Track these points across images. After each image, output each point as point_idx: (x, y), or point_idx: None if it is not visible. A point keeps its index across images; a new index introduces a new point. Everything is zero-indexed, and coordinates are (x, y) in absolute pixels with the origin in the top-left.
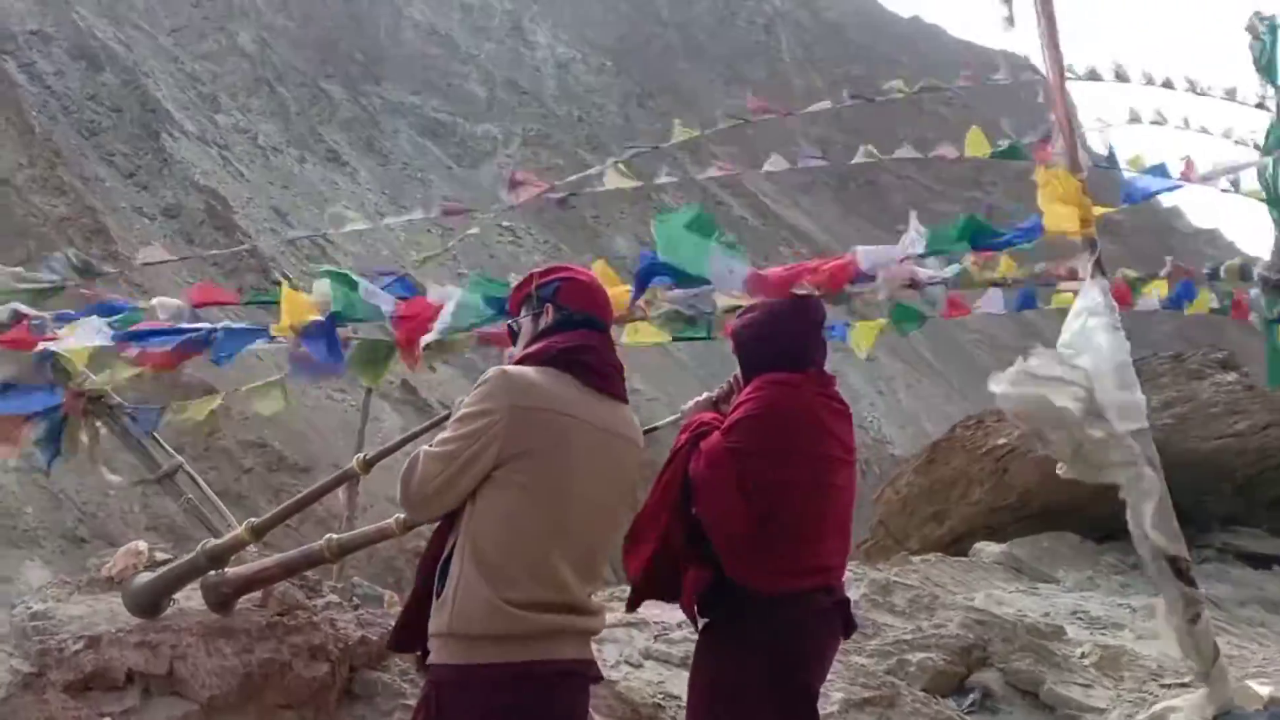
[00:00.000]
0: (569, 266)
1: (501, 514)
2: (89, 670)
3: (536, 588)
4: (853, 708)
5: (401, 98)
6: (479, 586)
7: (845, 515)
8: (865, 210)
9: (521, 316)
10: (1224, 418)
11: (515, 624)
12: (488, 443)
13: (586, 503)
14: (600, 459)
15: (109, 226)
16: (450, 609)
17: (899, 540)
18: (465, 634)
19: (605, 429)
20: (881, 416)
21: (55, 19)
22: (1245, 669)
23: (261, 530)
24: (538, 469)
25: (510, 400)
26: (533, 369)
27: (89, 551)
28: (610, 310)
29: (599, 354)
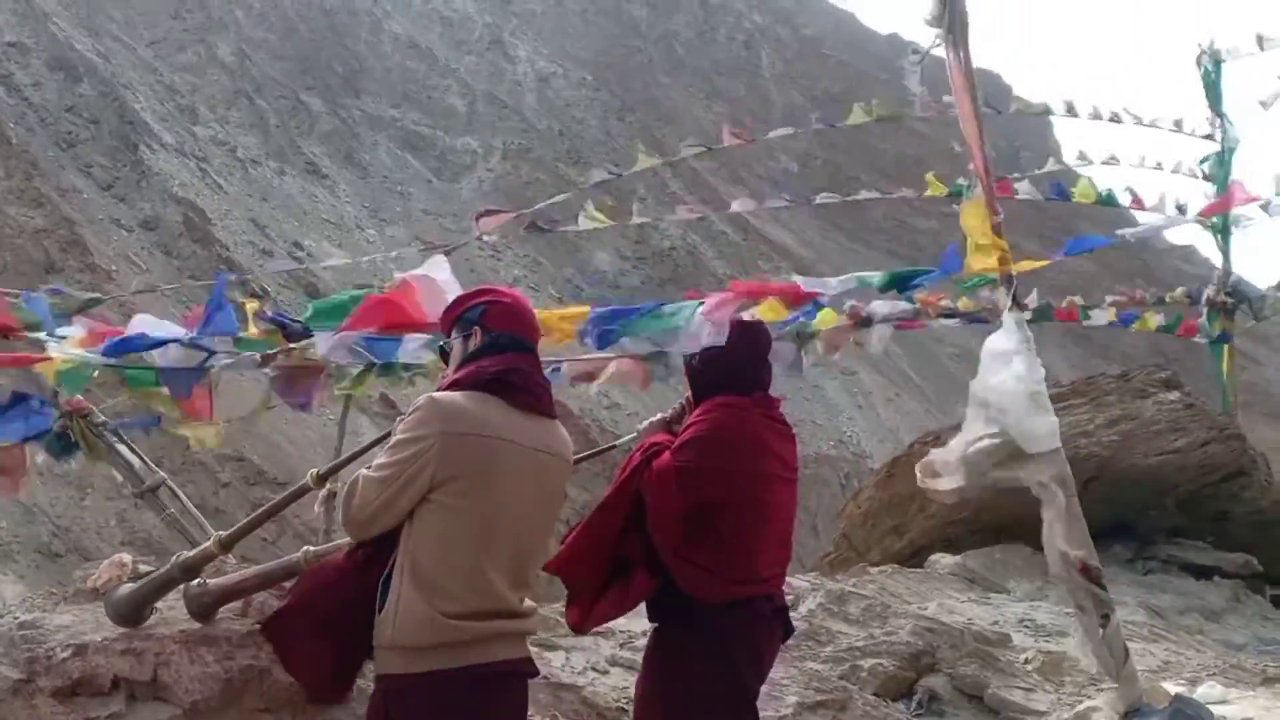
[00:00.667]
0: (494, 288)
1: (436, 533)
2: (76, 677)
3: (471, 599)
4: (806, 710)
5: (381, 111)
6: (417, 602)
7: (786, 529)
8: (845, 225)
9: (452, 338)
10: (1166, 435)
11: (452, 633)
12: (421, 468)
13: (515, 518)
14: (528, 476)
15: (86, 238)
16: (392, 623)
17: (861, 553)
18: (407, 645)
19: (533, 447)
20: (860, 431)
21: (33, 30)
22: (1181, 673)
23: (229, 543)
24: (469, 490)
25: (441, 427)
26: (462, 395)
27: (63, 565)
28: (537, 330)
29: (526, 375)
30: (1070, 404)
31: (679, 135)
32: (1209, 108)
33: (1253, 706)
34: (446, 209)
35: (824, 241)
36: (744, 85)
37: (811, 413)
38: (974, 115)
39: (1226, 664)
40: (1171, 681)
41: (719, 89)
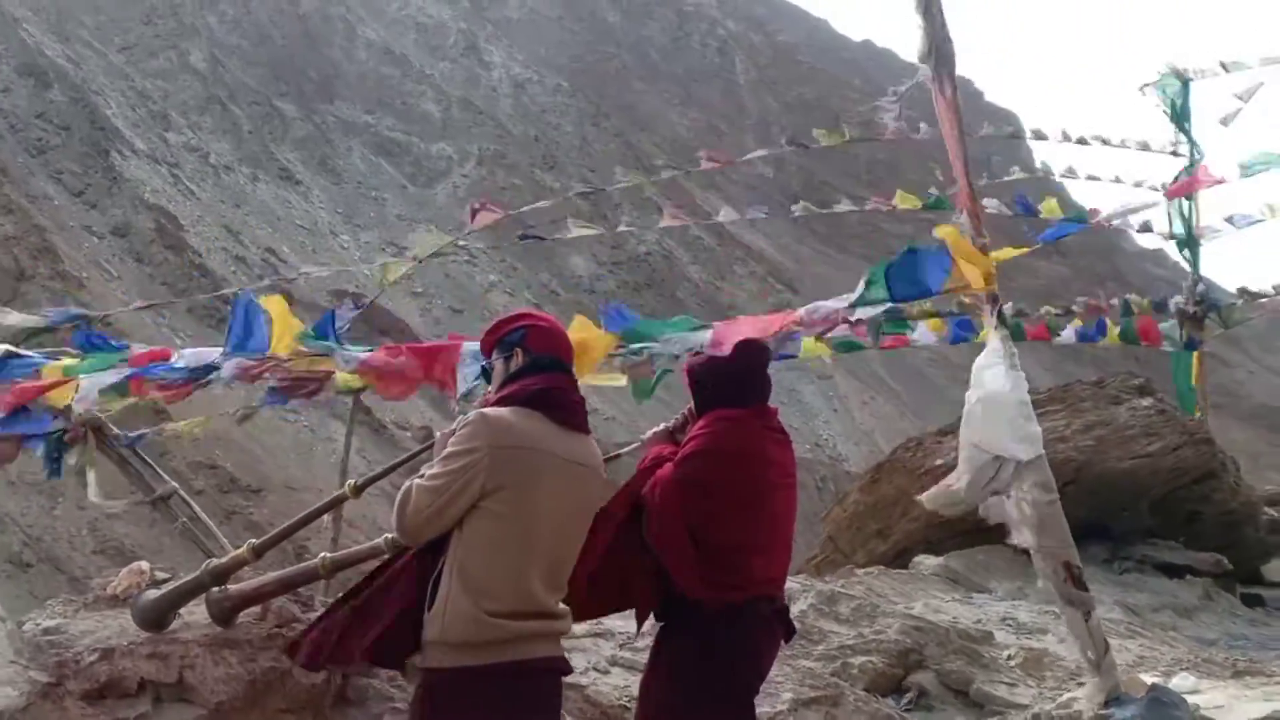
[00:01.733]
0: (532, 313)
1: (484, 539)
2: (104, 680)
3: (513, 600)
4: (801, 706)
5: (355, 116)
6: (464, 602)
7: (786, 533)
8: (820, 230)
9: (494, 359)
10: (1139, 439)
11: (496, 631)
12: (472, 478)
13: (555, 525)
14: (567, 487)
15: (57, 245)
16: (441, 621)
17: (847, 555)
18: (454, 641)
19: (572, 460)
20: (837, 435)
21: (2, 36)
22: (1156, 666)
23: (262, 550)
24: (514, 500)
25: (491, 441)
26: (508, 410)
27: (34, 575)
28: (571, 352)
29: (564, 393)
30: (1048, 410)
31: (654, 141)
32: (1173, 126)
33: (1223, 695)
34: (421, 215)
35: (799, 247)
36: (718, 91)
37: (788, 417)
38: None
39: (1199, 658)
40: (1147, 674)
41: (694, 95)
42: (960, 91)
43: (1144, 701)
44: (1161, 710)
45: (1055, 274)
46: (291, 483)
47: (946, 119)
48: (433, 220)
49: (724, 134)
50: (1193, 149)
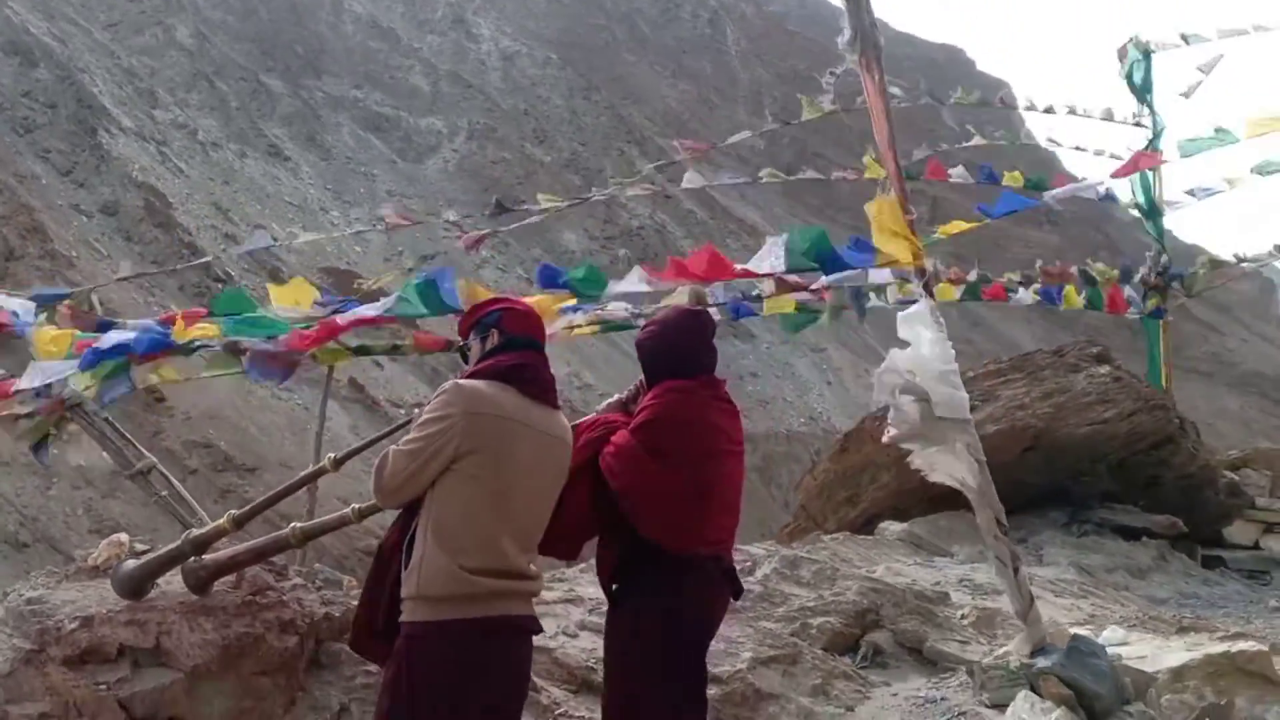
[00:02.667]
0: (508, 298)
1: (457, 499)
2: (84, 646)
3: (486, 558)
4: (760, 664)
5: (343, 91)
6: (439, 556)
7: (734, 497)
8: (811, 202)
9: (471, 339)
10: (1095, 406)
11: (470, 586)
12: (446, 442)
13: (525, 490)
14: (537, 455)
15: (46, 225)
16: (418, 576)
17: (818, 522)
18: (430, 596)
19: (541, 430)
20: (830, 407)
21: None
22: (1105, 624)
23: (242, 521)
24: (486, 463)
25: (464, 407)
26: (482, 382)
27: (30, 555)
28: (544, 334)
29: (536, 370)
30: (1009, 378)
31: (645, 113)
32: (1135, 97)
33: (1148, 647)
34: (412, 190)
35: (791, 218)
36: (709, 62)
37: (782, 390)
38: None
39: (1147, 615)
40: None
41: (684, 66)
42: (951, 60)
43: (1064, 650)
44: (1080, 658)
45: (1047, 242)
46: (287, 460)
47: (874, 103)
48: (423, 196)
49: (715, 105)
50: (1154, 121)
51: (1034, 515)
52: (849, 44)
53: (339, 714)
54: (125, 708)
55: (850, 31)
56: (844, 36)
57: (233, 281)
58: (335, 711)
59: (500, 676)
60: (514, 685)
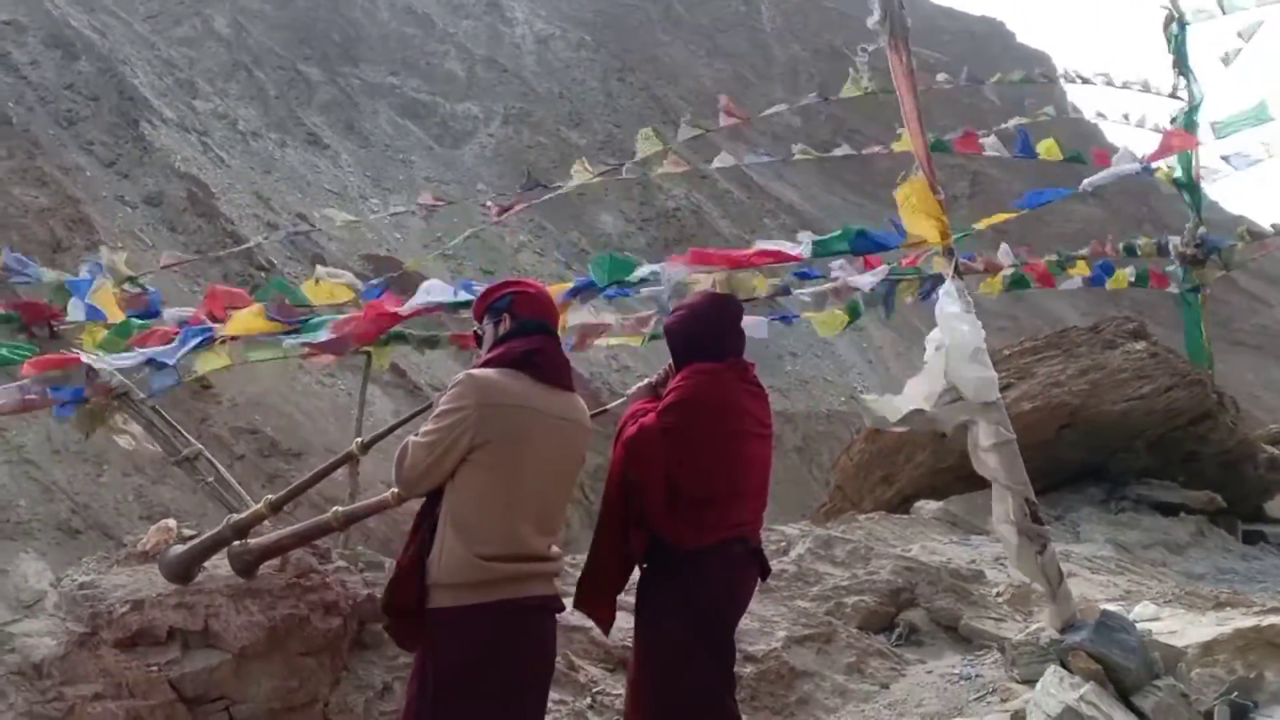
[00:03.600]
0: (519, 280)
1: (474, 489)
2: (135, 629)
3: (503, 544)
4: (794, 643)
5: (380, 78)
6: (457, 546)
7: (761, 479)
8: (849, 179)
9: (484, 324)
10: (1131, 382)
11: (488, 572)
12: (461, 433)
13: (541, 476)
14: (552, 440)
15: (91, 217)
16: (439, 564)
17: (854, 502)
18: (450, 583)
19: (556, 415)
20: (871, 386)
21: (28, 8)
22: (1141, 599)
23: (278, 505)
24: (501, 452)
25: (478, 398)
26: (495, 371)
27: (83, 542)
28: (556, 316)
29: (549, 354)
30: (1044, 356)
31: (680, 93)
32: (1174, 68)
33: (1179, 622)
34: (449, 175)
35: (829, 196)
36: (745, 40)
37: (822, 370)
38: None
39: (1184, 591)
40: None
41: (720, 45)
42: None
43: (1093, 626)
44: (1108, 633)
45: (1091, 216)
46: (332, 446)
47: (902, 83)
48: (460, 181)
49: (751, 84)
50: (1191, 92)
51: (1071, 492)
52: (878, 24)
53: (382, 693)
54: (176, 688)
55: (880, 11)
56: (873, 16)
57: (275, 270)
58: (379, 690)
59: (524, 655)
60: (538, 663)
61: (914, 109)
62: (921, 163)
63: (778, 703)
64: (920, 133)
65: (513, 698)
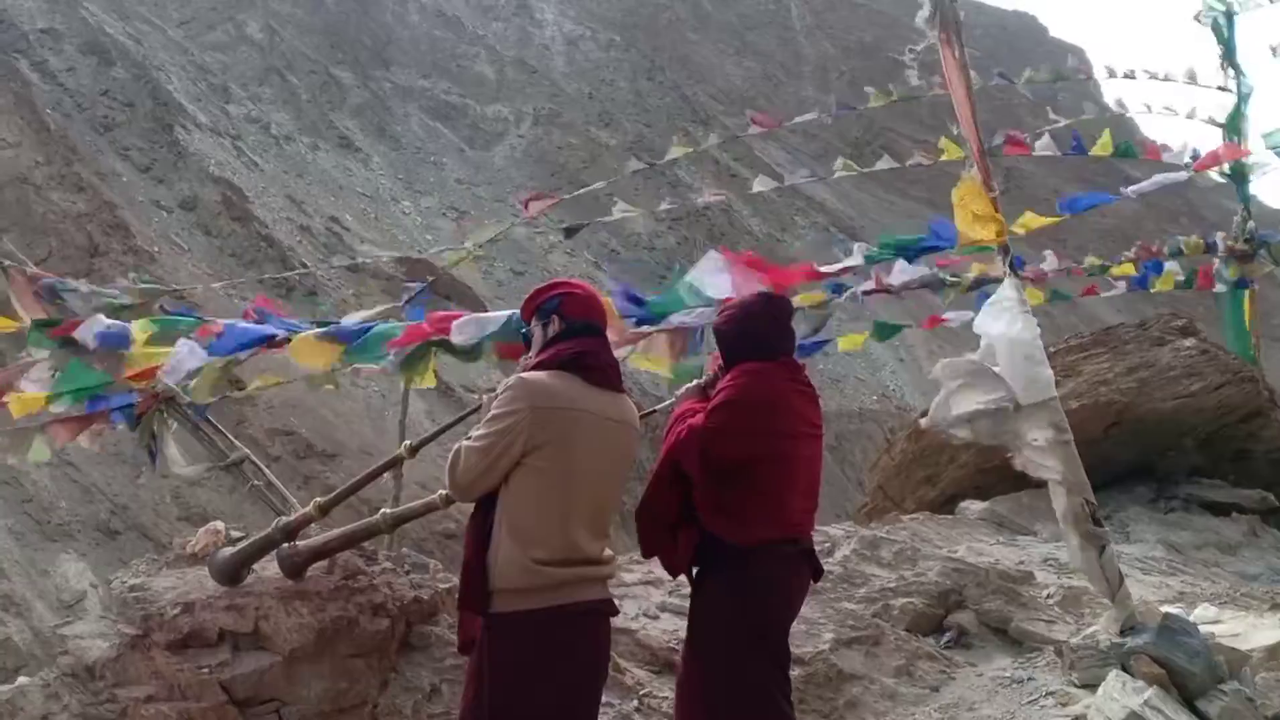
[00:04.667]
0: (567, 281)
1: (528, 493)
2: (186, 631)
3: (558, 548)
4: (842, 645)
5: (411, 81)
6: (513, 550)
7: (811, 480)
8: (881, 176)
9: (532, 325)
10: (1181, 379)
11: (543, 578)
12: (515, 438)
13: (593, 477)
14: (603, 442)
15: (128, 221)
16: (494, 569)
17: (896, 502)
18: (506, 588)
19: (606, 417)
20: (904, 384)
21: (64, 16)
22: (1196, 601)
23: (327, 508)
24: (554, 456)
25: (530, 402)
26: (546, 373)
27: (122, 544)
28: (605, 316)
29: (598, 355)
30: (1091, 353)
31: (709, 92)
32: (1221, 60)
33: (1241, 624)
34: (480, 178)
35: (860, 194)
36: (774, 38)
37: (854, 368)
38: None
39: (1238, 592)
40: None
41: (749, 43)
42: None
43: (1155, 629)
44: (1172, 637)
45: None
46: (366, 447)
47: (955, 79)
48: (491, 183)
49: (781, 82)
50: (1239, 83)
51: (1119, 492)
52: (928, 21)
53: (430, 694)
54: (227, 690)
55: (930, 8)
56: (923, 12)
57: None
58: (427, 692)
59: (579, 659)
60: (593, 666)
61: (967, 105)
62: (975, 160)
63: (826, 706)
64: (975, 129)
65: (568, 701)
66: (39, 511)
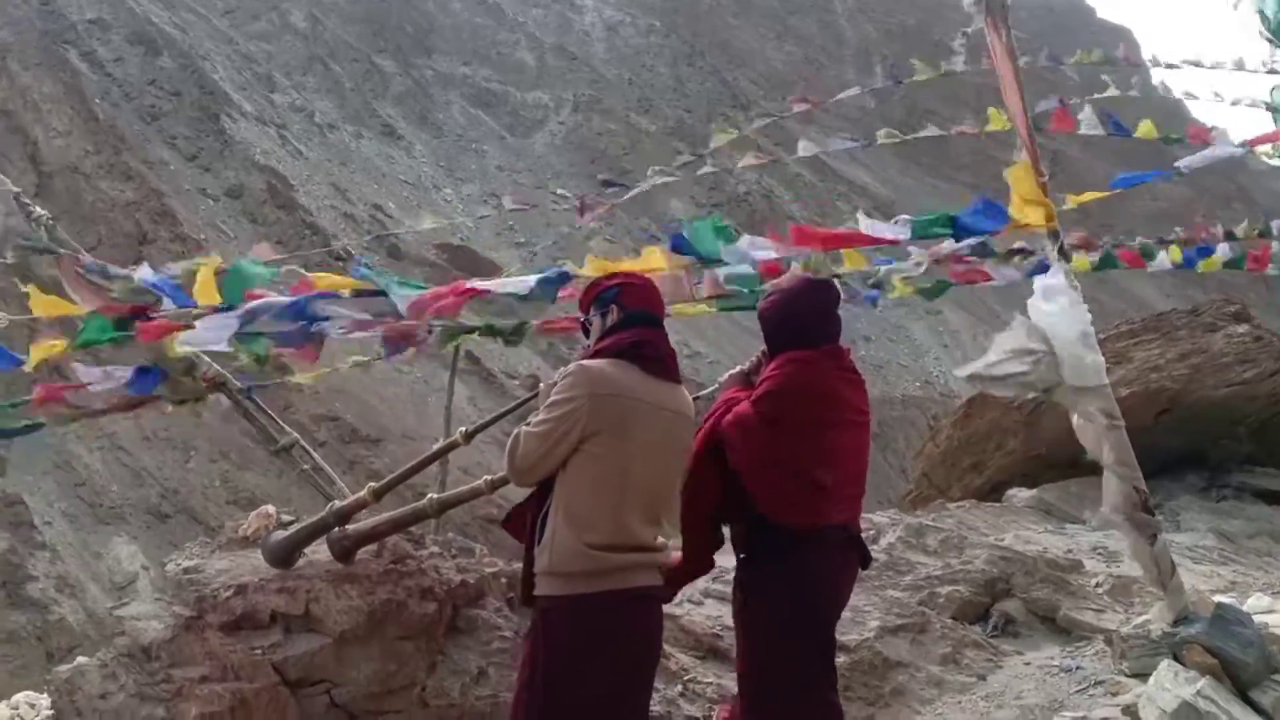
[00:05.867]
0: (627, 272)
1: (584, 479)
2: (239, 612)
3: (612, 534)
4: (887, 633)
5: (453, 69)
6: (568, 536)
7: (859, 467)
8: (925, 161)
9: (591, 315)
10: (1234, 366)
11: (597, 562)
12: (574, 424)
13: (649, 466)
14: (659, 431)
15: (175, 209)
16: (549, 553)
17: (941, 490)
18: (561, 572)
19: (663, 406)
20: (947, 370)
21: (112, 6)
22: (1248, 591)
23: (380, 493)
24: (611, 443)
25: (590, 389)
26: (605, 361)
27: (172, 526)
28: (663, 306)
29: (656, 345)
30: (1142, 340)
31: (750, 77)
32: (1268, 41)
33: None
34: (521, 164)
35: (903, 178)
36: (815, 22)
37: (896, 354)
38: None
39: None
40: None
41: (790, 28)
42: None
43: (1209, 619)
44: (1225, 626)
45: (1177, 195)
46: (409, 433)
47: (1003, 65)
48: (531, 170)
49: (822, 66)
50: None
51: (1170, 480)
52: (975, 3)
53: (478, 677)
54: (279, 671)
55: None
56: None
57: (352, 260)
58: (474, 675)
59: (631, 644)
60: (645, 652)
61: (1015, 89)
62: (1025, 144)
63: (871, 693)
64: (1024, 113)
65: (620, 684)
66: (91, 495)
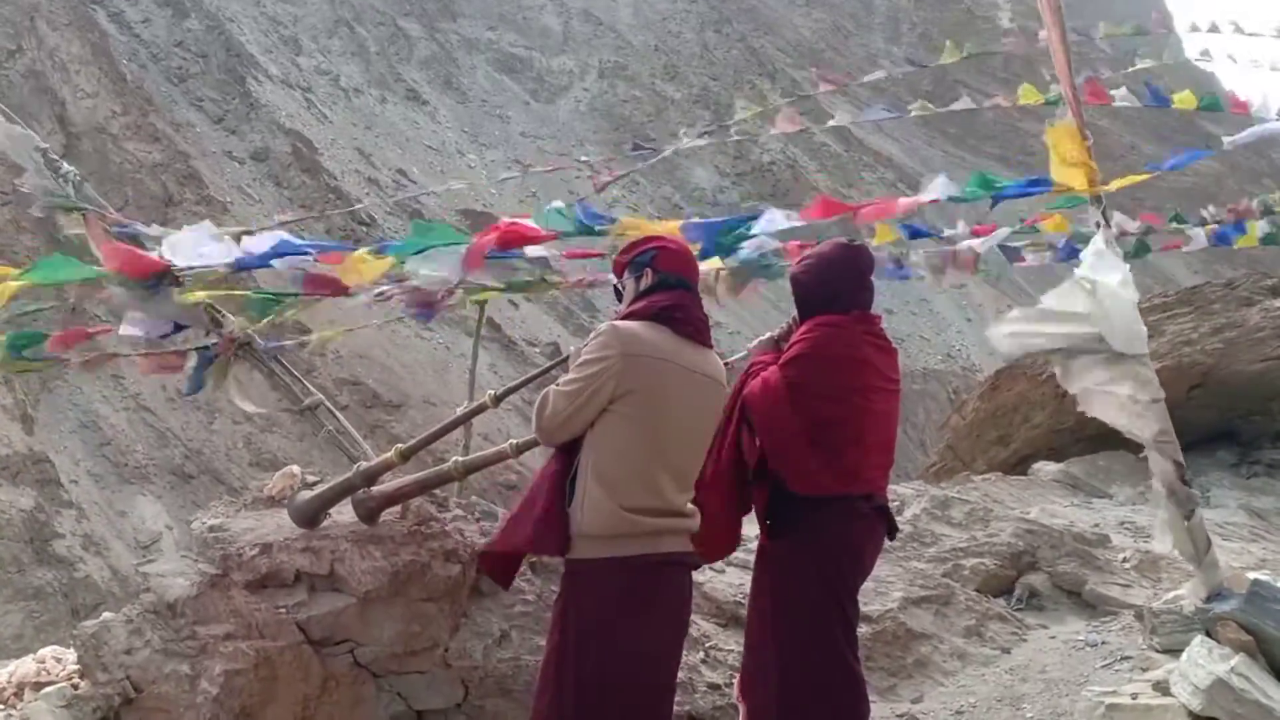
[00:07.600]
0: (661, 236)
1: (615, 439)
2: (264, 571)
3: (644, 497)
4: (911, 604)
5: (478, 34)
6: (601, 497)
7: (887, 435)
8: (951, 133)
9: (625, 278)
10: (1270, 341)
11: (630, 525)
12: (604, 383)
13: (680, 429)
14: (691, 394)
15: (201, 172)
16: (580, 514)
17: (966, 463)
18: (593, 534)
19: (695, 370)
20: (970, 344)
21: None
22: (1279, 569)
23: (408, 455)
24: (642, 404)
25: (621, 349)
26: (638, 323)
27: (196, 487)
28: (697, 272)
29: (689, 310)
30: (1175, 313)
31: (777, 45)
32: None
33: None
34: (545, 130)
35: (929, 150)
36: None
37: (919, 327)
38: (1063, 47)
39: None
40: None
41: None
42: None
43: (1244, 595)
44: (1260, 604)
45: (1208, 171)
46: (430, 397)
47: (1051, 24)
48: (555, 136)
49: (850, 34)
50: None
51: (1200, 456)
52: None
53: (500, 640)
54: (303, 630)
55: None
56: None
57: (376, 225)
58: (496, 637)
59: (661, 610)
60: (674, 618)
61: (1062, 50)
62: (1070, 104)
63: (894, 664)
64: (1069, 74)
65: (650, 649)
66: (116, 455)
